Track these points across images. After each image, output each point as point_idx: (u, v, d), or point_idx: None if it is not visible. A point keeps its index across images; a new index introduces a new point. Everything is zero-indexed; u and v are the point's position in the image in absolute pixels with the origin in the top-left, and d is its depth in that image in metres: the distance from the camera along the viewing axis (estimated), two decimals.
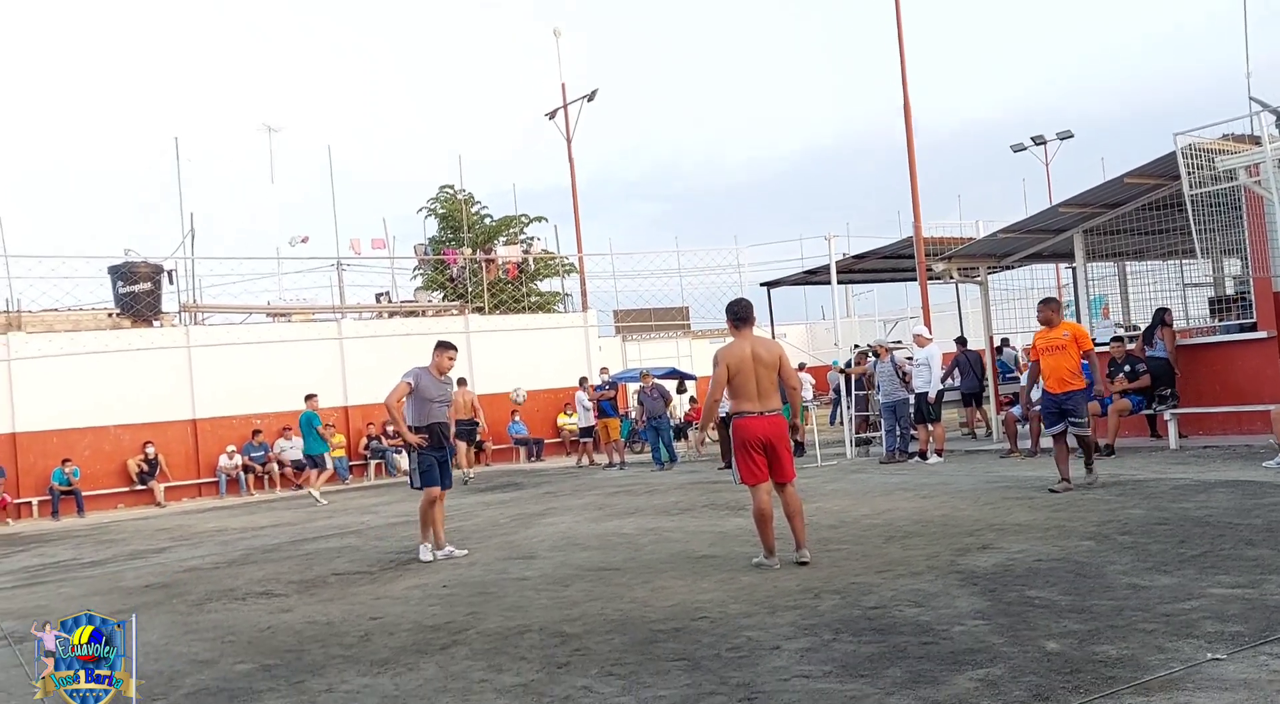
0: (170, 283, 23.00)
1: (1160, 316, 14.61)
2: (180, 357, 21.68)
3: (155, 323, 22.45)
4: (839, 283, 19.35)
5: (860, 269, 23.94)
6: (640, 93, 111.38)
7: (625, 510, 12.29)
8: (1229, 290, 16.23)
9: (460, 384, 17.69)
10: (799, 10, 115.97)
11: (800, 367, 20.73)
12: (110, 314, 22.45)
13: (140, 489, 20.75)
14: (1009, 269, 18.69)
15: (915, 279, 22.21)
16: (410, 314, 25.85)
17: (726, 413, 8.18)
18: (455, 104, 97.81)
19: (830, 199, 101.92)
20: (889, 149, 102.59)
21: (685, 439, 23.33)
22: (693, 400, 26.46)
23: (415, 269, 32.27)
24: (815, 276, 24.06)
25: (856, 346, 20.04)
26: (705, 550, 8.70)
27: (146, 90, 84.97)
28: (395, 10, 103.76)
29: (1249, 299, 14.22)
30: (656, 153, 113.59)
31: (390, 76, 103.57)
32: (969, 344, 19.02)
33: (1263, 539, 7.10)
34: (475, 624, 6.55)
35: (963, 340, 19.21)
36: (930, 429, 15.44)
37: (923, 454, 15.35)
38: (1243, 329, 14.26)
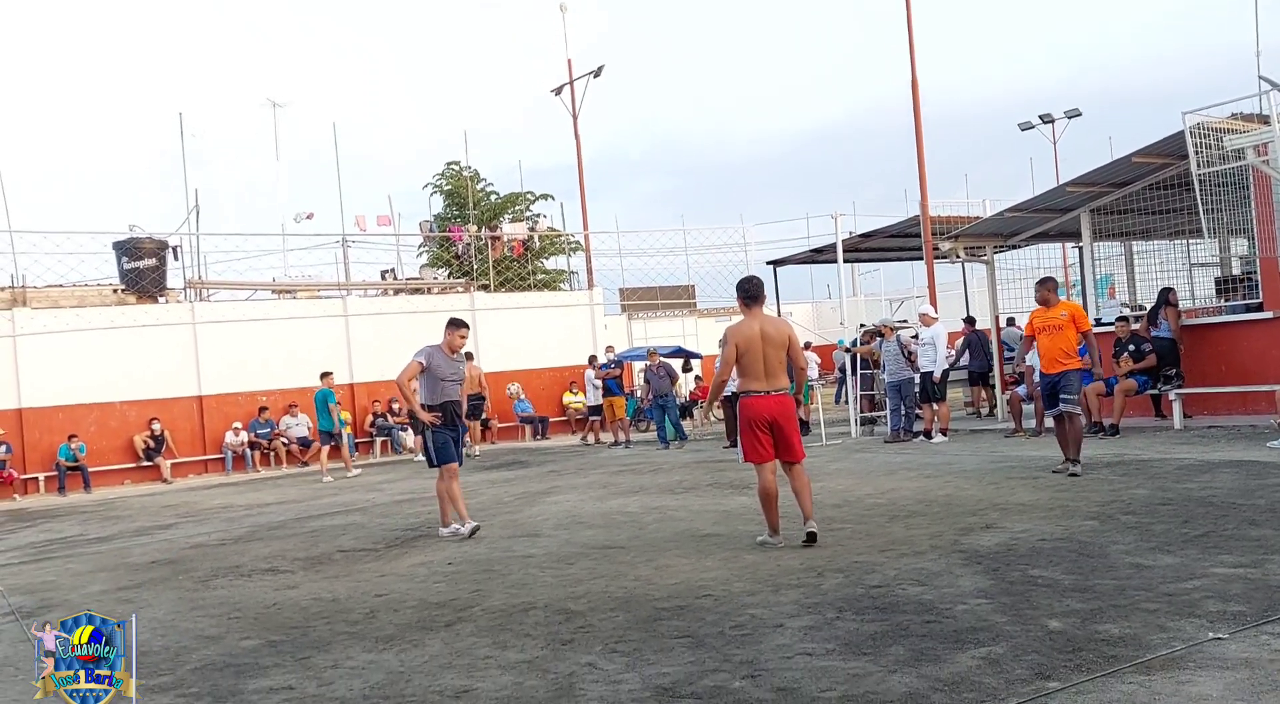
0: (175, 259, 23.00)
1: (1165, 296, 14.58)
2: (185, 333, 21.71)
3: (160, 299, 22.45)
4: (845, 262, 19.30)
5: (867, 248, 23.90)
6: (647, 69, 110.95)
7: (630, 489, 12.32)
8: (1235, 270, 16.21)
9: (467, 358, 17.72)
10: None
11: (806, 345, 20.70)
12: (115, 290, 22.45)
13: (146, 465, 20.83)
14: (1015, 248, 18.65)
15: (921, 258, 22.20)
16: (416, 291, 25.84)
17: (733, 391, 8.13)
18: (461, 80, 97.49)
19: (837, 177, 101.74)
20: (896, 128, 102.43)
21: (690, 417, 23.35)
22: (698, 379, 26.45)
23: (421, 246, 32.21)
24: (821, 255, 24.02)
25: (863, 326, 20.02)
26: (709, 529, 8.73)
27: (151, 66, 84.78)
28: None
29: (1255, 279, 14.20)
30: (663, 130, 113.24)
31: (396, 52, 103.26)
32: (977, 323, 19.01)
33: (1266, 519, 7.11)
34: (480, 601, 6.58)
35: (971, 320, 19.19)
36: (935, 408, 15.44)
37: (927, 434, 15.37)
38: (1249, 309, 14.24)
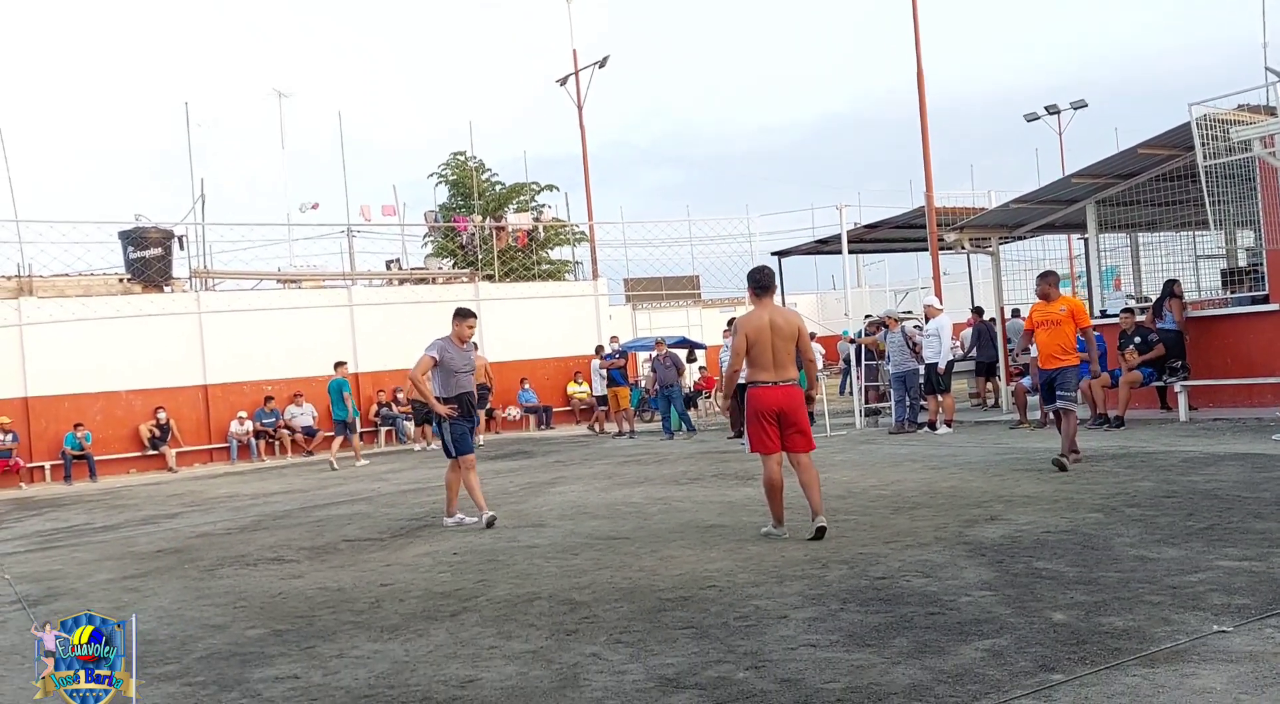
0: (181, 248, 22.98)
1: (1169, 288, 14.55)
2: (191, 322, 21.73)
3: (166, 288, 22.47)
4: (850, 253, 19.32)
5: (872, 239, 23.87)
6: (652, 60, 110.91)
7: (634, 479, 12.33)
8: (1241, 262, 16.17)
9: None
10: None
11: (810, 336, 20.69)
12: (121, 279, 22.47)
13: (152, 454, 20.87)
14: (1021, 240, 18.64)
15: (927, 249, 22.12)
16: (420, 281, 25.84)
17: (742, 381, 8.10)
18: (466, 71, 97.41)
19: (842, 169, 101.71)
20: (902, 119, 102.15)
21: (694, 408, 23.35)
22: (702, 369, 26.45)
23: (426, 236, 32.21)
24: (826, 246, 24.00)
25: (870, 317, 20.00)
26: (714, 520, 8.74)
27: (157, 56, 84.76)
28: None
29: (1261, 271, 14.16)
30: (668, 121, 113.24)
31: (401, 42, 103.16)
32: (984, 314, 19.02)
33: (1271, 512, 7.11)
34: (485, 591, 6.59)
35: (979, 310, 19.19)
36: (940, 400, 15.43)
37: (932, 425, 15.36)
38: (1255, 301, 14.21)
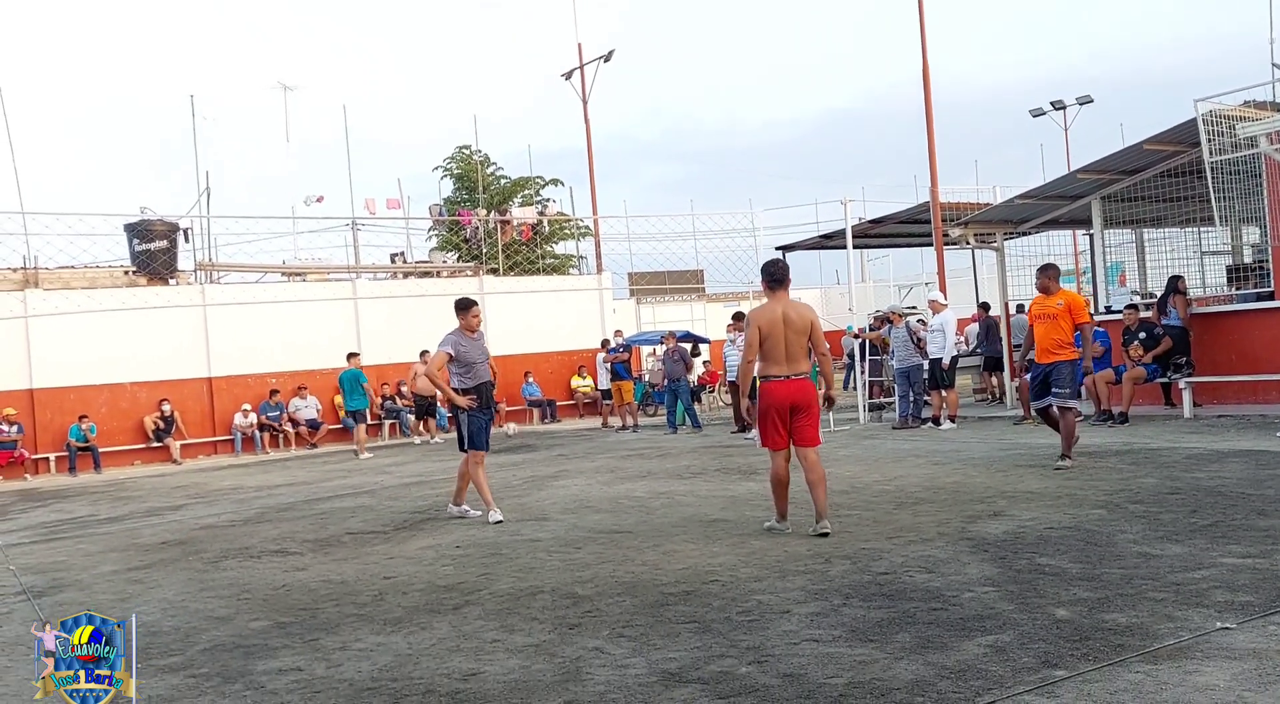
0: (186, 241, 23.03)
1: (1173, 284, 14.52)
2: (196, 315, 21.76)
3: (171, 281, 22.50)
4: (855, 247, 19.33)
5: (876, 234, 23.87)
6: (657, 54, 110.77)
7: (637, 474, 12.34)
8: (1247, 259, 16.13)
9: None
10: None
11: None
12: (126, 272, 22.51)
13: (156, 446, 20.90)
14: (1026, 235, 18.59)
15: (931, 244, 22.14)
16: (425, 275, 25.86)
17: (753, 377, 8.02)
18: (471, 64, 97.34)
19: (847, 163, 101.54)
20: (906, 114, 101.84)
21: (698, 402, 23.35)
22: (706, 363, 26.46)
23: (430, 230, 32.21)
24: (831, 241, 23.99)
25: (878, 312, 20.00)
26: (716, 514, 8.74)
27: (162, 47, 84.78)
28: None
29: (1267, 268, 14.14)
30: (672, 115, 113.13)
31: (406, 35, 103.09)
32: (990, 310, 19.01)
33: (1275, 509, 7.10)
34: (488, 585, 6.60)
35: (985, 305, 19.19)
36: (944, 395, 15.43)
37: (936, 420, 15.36)
38: (1260, 298, 14.18)
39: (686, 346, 21.42)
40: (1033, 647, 4.50)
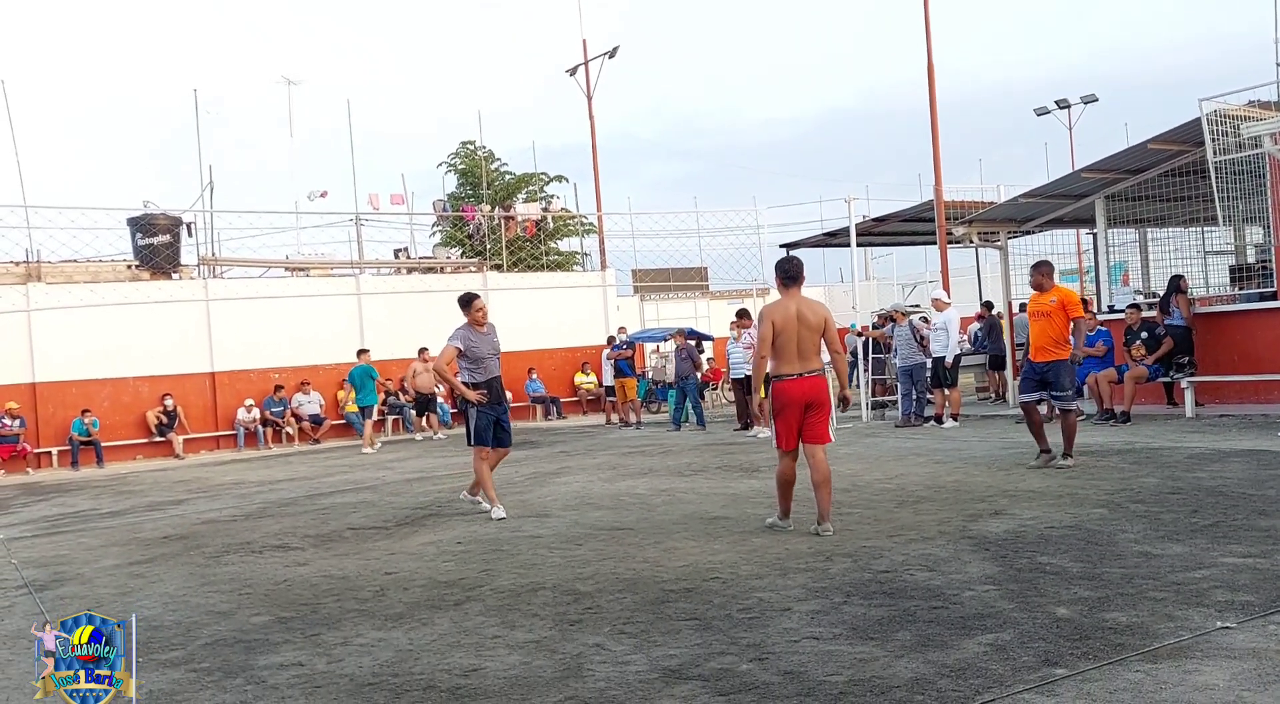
0: (189, 235, 23.05)
1: (1175, 283, 14.51)
2: (199, 310, 21.78)
3: (174, 275, 22.53)
4: (858, 246, 19.25)
5: (880, 232, 23.83)
6: (659, 51, 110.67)
7: (639, 471, 12.34)
8: (1250, 258, 16.12)
9: None
10: None
11: None
12: (129, 266, 22.54)
13: (159, 441, 20.94)
14: (1029, 234, 18.60)
15: (935, 243, 22.13)
16: (429, 270, 25.87)
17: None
18: (475, 59, 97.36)
19: (850, 162, 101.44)
20: (910, 112, 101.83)
21: (701, 398, 23.33)
22: (710, 361, 26.45)
23: (434, 225, 32.24)
24: (834, 239, 23.94)
25: (884, 310, 19.97)
26: (718, 512, 8.74)
27: (166, 42, 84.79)
28: None
29: (1270, 268, 14.12)
30: (675, 112, 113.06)
31: (411, 30, 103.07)
32: (994, 309, 19.01)
33: (1275, 509, 7.10)
34: (489, 581, 6.61)
35: (989, 305, 19.18)
36: (947, 394, 15.43)
37: (938, 418, 15.36)
38: (1263, 298, 14.17)
39: (693, 343, 21.43)
40: (1033, 645, 4.50)
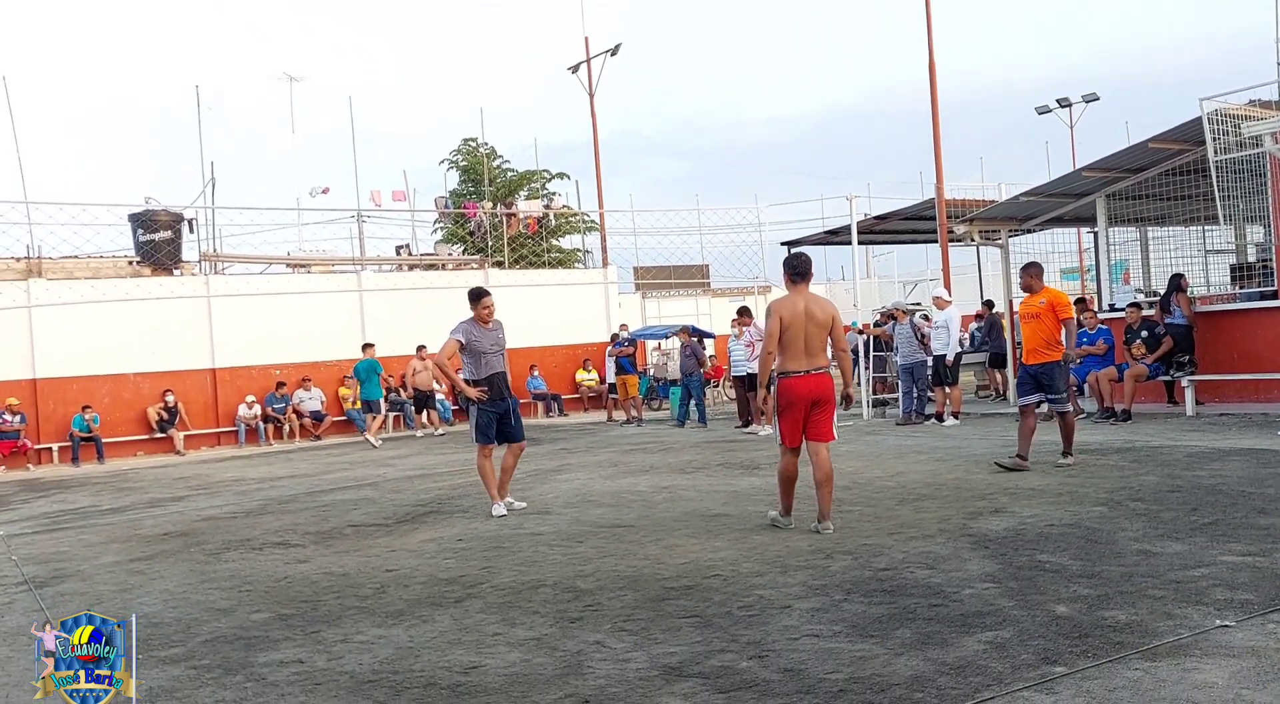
0: (190, 232, 23.02)
1: (1175, 282, 14.51)
2: (200, 306, 21.78)
3: (175, 272, 22.52)
4: (859, 243, 19.27)
5: (881, 230, 23.81)
6: (661, 49, 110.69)
7: (640, 468, 12.34)
8: (1251, 257, 16.12)
9: None
10: None
11: None
12: (130, 262, 22.53)
13: (160, 437, 20.93)
14: (1030, 233, 18.60)
15: (936, 241, 22.10)
16: (430, 267, 25.86)
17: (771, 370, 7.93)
18: (478, 56, 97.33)
19: (851, 160, 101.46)
20: (912, 110, 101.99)
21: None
22: (711, 358, 26.47)
23: (436, 222, 32.25)
24: (836, 237, 23.93)
25: (885, 308, 19.97)
26: (718, 509, 8.74)
27: (167, 37, 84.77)
28: None
29: (1271, 267, 14.12)
30: (677, 110, 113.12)
31: (413, 27, 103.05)
32: (994, 307, 19.01)
33: (1275, 508, 7.10)
34: (489, 578, 6.61)
35: (990, 303, 19.18)
36: (948, 391, 15.43)
37: (939, 416, 15.36)
38: (1264, 297, 14.17)
39: (697, 341, 21.43)
40: (1032, 643, 4.51)
